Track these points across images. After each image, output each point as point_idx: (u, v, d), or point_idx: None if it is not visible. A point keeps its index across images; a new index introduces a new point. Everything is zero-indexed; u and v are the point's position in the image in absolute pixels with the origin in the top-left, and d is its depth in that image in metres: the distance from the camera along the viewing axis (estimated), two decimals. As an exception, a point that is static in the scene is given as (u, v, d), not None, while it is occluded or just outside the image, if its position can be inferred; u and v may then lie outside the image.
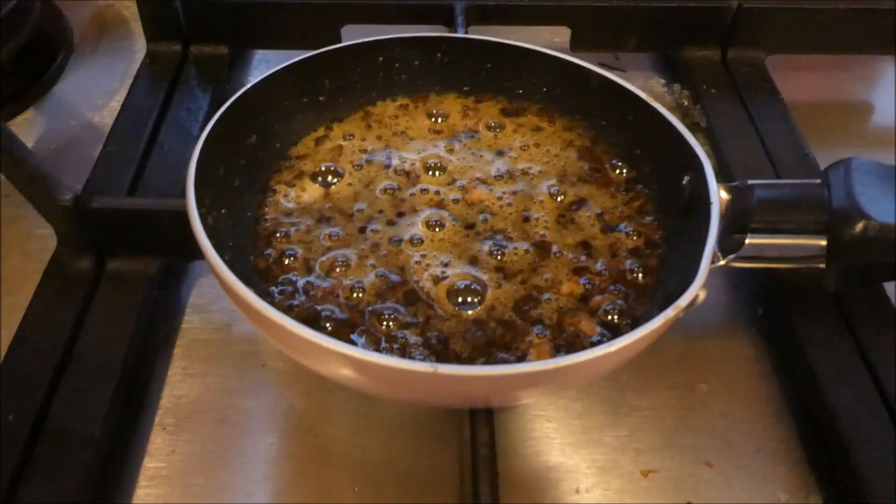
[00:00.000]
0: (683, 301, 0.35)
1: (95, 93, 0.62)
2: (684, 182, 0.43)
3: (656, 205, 0.45)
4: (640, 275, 0.42)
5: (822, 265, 0.41)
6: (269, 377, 0.44)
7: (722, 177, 0.42)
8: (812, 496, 0.40)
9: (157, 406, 0.43)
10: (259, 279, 0.41)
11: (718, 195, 0.40)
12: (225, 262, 0.35)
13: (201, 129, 0.53)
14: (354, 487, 0.39)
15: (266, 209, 0.45)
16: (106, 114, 0.61)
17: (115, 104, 0.60)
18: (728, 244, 0.41)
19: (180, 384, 0.44)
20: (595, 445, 0.41)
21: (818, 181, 0.41)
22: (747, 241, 0.40)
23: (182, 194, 0.40)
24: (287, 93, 0.49)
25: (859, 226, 0.38)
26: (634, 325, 0.39)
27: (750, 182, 0.41)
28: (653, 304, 0.40)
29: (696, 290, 0.35)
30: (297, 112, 0.49)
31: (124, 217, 0.44)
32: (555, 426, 0.42)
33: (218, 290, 0.47)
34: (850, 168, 0.41)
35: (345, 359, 0.31)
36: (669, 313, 0.34)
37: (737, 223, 0.41)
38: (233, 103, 0.44)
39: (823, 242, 0.40)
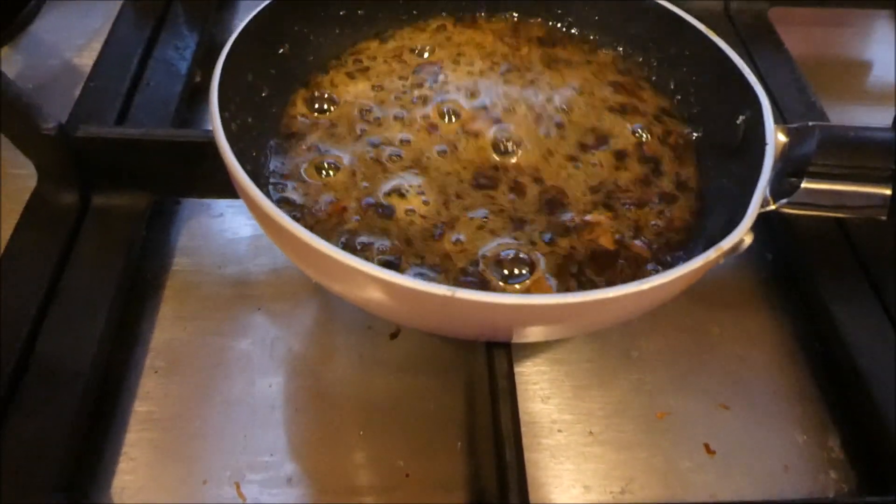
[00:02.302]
0: (726, 243, 0.32)
1: (75, 32, 0.59)
2: (739, 122, 0.40)
3: (705, 145, 0.43)
4: (673, 219, 0.39)
5: (883, 216, 0.38)
6: (266, 320, 0.42)
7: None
8: (830, 436, 0.39)
9: (148, 348, 0.40)
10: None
11: (776, 136, 0.37)
12: (246, 172, 0.33)
13: (194, 65, 0.51)
14: (359, 430, 0.38)
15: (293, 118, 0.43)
16: (86, 54, 0.57)
17: (97, 44, 0.56)
18: (781, 189, 0.38)
19: (172, 327, 0.41)
20: (607, 389, 0.40)
21: (887, 126, 0.39)
22: (803, 185, 0.37)
23: (173, 126, 0.38)
24: (323, 2, 0.46)
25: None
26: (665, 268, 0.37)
27: (811, 123, 0.38)
28: (690, 248, 0.38)
29: (741, 233, 0.33)
30: (334, 25, 0.46)
31: (112, 147, 0.42)
32: (566, 369, 0.41)
33: (209, 231, 0.46)
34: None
35: (364, 278, 0.29)
36: (710, 254, 0.32)
37: (793, 166, 0.38)
38: (266, 7, 0.41)
39: (888, 192, 0.37)
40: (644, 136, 0.43)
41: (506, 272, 0.35)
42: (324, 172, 0.40)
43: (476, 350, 0.36)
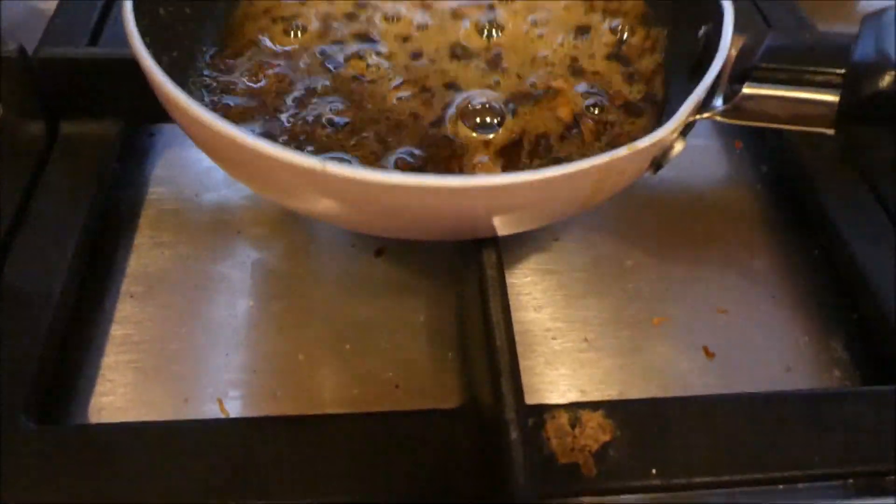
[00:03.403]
0: (641, 143, 0.29)
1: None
2: (700, 34, 0.38)
3: (672, 61, 0.41)
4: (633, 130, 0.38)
5: (829, 130, 0.35)
6: (245, 243, 0.40)
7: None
8: (832, 337, 0.38)
9: (124, 275, 0.39)
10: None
11: (730, 46, 0.34)
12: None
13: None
14: (346, 345, 0.36)
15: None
16: None
17: (63, -11, 0.55)
18: (728, 97, 0.35)
19: (148, 253, 0.40)
20: (602, 297, 0.39)
21: (842, 32, 0.35)
22: (744, 89, 0.34)
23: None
24: None
25: (886, 78, 0.31)
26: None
27: (767, 29, 0.37)
28: None
29: (662, 135, 0.30)
30: None
31: (78, 70, 0.40)
32: (558, 279, 0.39)
33: (186, 161, 0.44)
34: (886, 19, 0.34)
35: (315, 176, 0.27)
36: (621, 151, 0.28)
37: (739, 72, 0.35)
38: None
39: (834, 98, 0.33)
40: (624, 35, 0.42)
41: (478, 121, 0.34)
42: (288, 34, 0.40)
43: (466, 254, 0.35)
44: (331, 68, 0.39)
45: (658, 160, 0.32)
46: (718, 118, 0.35)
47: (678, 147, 0.32)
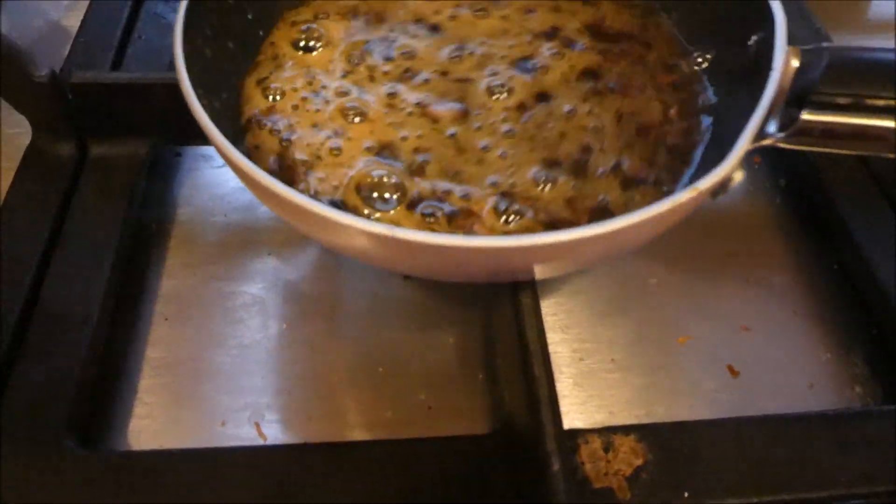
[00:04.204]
0: (705, 183, 0.28)
1: (60, -8, 0.57)
2: (750, 43, 0.36)
3: (711, 73, 0.40)
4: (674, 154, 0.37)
5: (890, 154, 0.33)
6: (276, 264, 0.41)
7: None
8: (853, 352, 0.38)
9: (157, 296, 0.39)
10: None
11: (786, 60, 0.32)
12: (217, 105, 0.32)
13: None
14: (378, 367, 0.37)
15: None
16: (73, 14, 0.56)
17: (83, 3, 0.55)
18: (786, 120, 0.33)
19: (180, 274, 0.40)
20: (627, 316, 0.39)
21: None
22: (803, 116, 0.32)
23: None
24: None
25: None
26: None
27: (825, 45, 0.34)
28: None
29: (724, 172, 0.29)
30: None
31: (107, 93, 0.40)
32: (584, 299, 0.40)
33: (212, 181, 0.45)
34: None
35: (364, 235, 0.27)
36: (684, 196, 0.28)
37: (796, 95, 0.33)
38: None
39: (892, 124, 0.32)
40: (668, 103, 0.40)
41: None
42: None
43: (491, 287, 0.35)
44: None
45: (717, 191, 0.31)
46: (780, 145, 0.33)
47: (738, 176, 0.31)
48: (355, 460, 0.32)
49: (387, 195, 0.34)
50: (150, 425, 0.35)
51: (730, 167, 0.29)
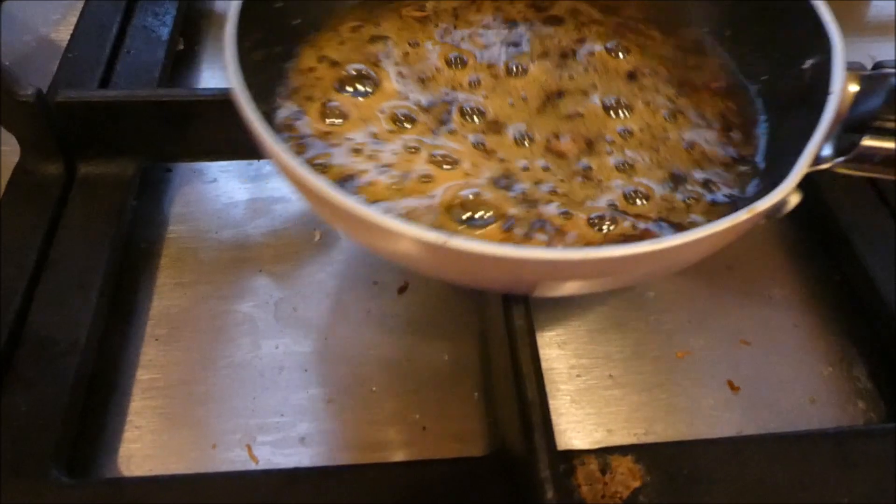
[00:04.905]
0: (761, 205, 0.28)
1: (49, 6, 0.57)
2: (805, 66, 0.35)
3: (761, 98, 0.38)
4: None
5: None
6: (268, 281, 0.40)
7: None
8: (856, 367, 0.38)
9: (147, 317, 0.39)
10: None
11: (844, 85, 0.32)
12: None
13: (175, 31, 0.50)
14: (372, 386, 0.36)
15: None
16: (62, 29, 0.55)
17: (73, 18, 0.55)
18: (843, 145, 0.32)
19: (170, 294, 0.40)
20: (624, 331, 0.39)
21: None
22: (864, 142, 0.31)
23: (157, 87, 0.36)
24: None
25: None
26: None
27: (885, 70, 0.33)
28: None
29: (782, 194, 0.28)
30: None
31: (94, 112, 0.40)
32: (580, 314, 0.39)
33: (203, 197, 0.44)
34: None
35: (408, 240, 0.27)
36: (741, 215, 0.27)
37: (857, 120, 0.32)
38: None
39: None
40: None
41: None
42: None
43: (488, 296, 0.35)
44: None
45: (772, 214, 0.31)
46: (839, 170, 0.32)
47: (794, 200, 0.30)
48: (349, 484, 0.31)
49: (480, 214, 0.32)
50: (141, 449, 0.34)
51: (787, 189, 0.28)
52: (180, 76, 0.51)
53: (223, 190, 0.44)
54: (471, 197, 0.32)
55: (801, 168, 0.29)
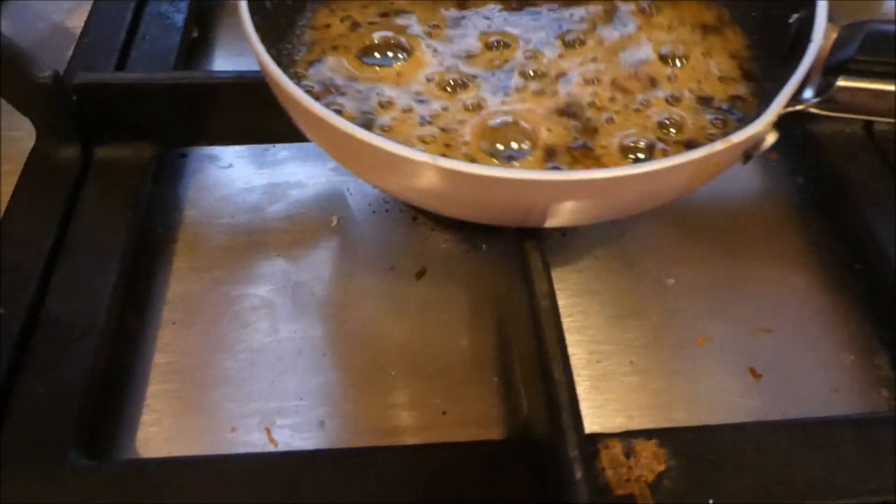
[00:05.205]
0: (738, 136, 0.29)
1: (63, -6, 0.57)
2: (791, 21, 0.37)
3: (762, 52, 0.40)
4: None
5: None
6: (285, 266, 0.40)
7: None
8: (878, 355, 0.37)
9: (164, 301, 0.38)
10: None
11: (826, 33, 0.34)
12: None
13: (189, 18, 0.49)
14: (391, 371, 0.36)
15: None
16: (76, 15, 0.55)
17: (87, 5, 0.55)
18: (822, 90, 0.35)
19: (187, 278, 0.39)
20: (644, 318, 0.38)
21: None
22: (839, 82, 0.34)
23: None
24: None
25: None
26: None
27: (866, 20, 0.35)
28: None
29: (758, 127, 0.30)
30: None
31: (111, 95, 0.40)
32: (600, 300, 0.39)
33: (218, 182, 0.44)
34: None
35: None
36: (717, 145, 0.29)
37: (834, 65, 0.34)
38: None
39: None
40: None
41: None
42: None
43: (510, 275, 0.35)
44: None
45: (749, 151, 0.32)
46: (812, 110, 0.34)
47: (770, 139, 0.32)
48: (368, 467, 0.31)
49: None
50: (159, 433, 0.34)
51: (763, 124, 0.30)
52: (195, 63, 0.51)
53: (239, 175, 0.44)
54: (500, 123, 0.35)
55: (777, 106, 0.31)
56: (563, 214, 0.31)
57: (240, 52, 0.53)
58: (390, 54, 0.38)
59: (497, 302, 0.38)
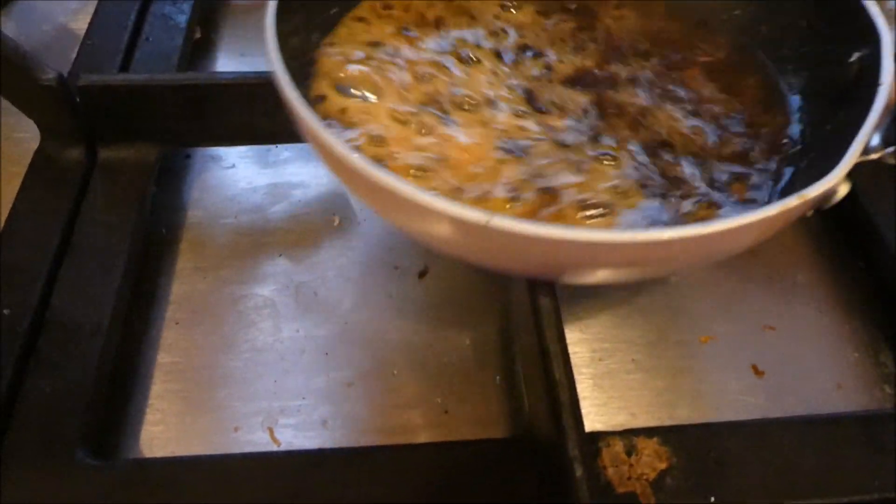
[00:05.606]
0: (812, 191, 0.27)
1: (68, -4, 0.57)
2: (852, 60, 0.34)
3: (810, 91, 0.38)
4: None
5: None
6: (288, 266, 0.40)
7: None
8: (882, 352, 0.37)
9: (168, 301, 0.39)
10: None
11: (893, 76, 0.31)
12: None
13: (193, 19, 0.50)
14: (393, 370, 0.36)
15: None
16: (81, 18, 0.55)
17: (91, 7, 0.55)
18: (892, 136, 0.32)
19: (191, 278, 0.40)
20: (647, 316, 0.38)
21: None
22: None
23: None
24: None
25: None
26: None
27: None
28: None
29: (832, 181, 0.28)
30: None
31: (116, 96, 0.40)
32: (603, 299, 0.39)
33: (222, 183, 0.44)
34: None
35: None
36: (792, 201, 0.27)
37: None
38: None
39: None
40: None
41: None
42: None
43: (514, 281, 0.35)
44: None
45: (821, 203, 0.30)
46: (890, 161, 0.32)
47: (843, 190, 0.30)
48: (371, 466, 0.31)
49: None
50: (163, 432, 0.34)
51: (838, 177, 0.28)
52: (198, 65, 0.51)
53: (242, 175, 0.44)
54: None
55: (851, 156, 0.29)
56: (608, 273, 0.30)
57: (243, 53, 0.53)
58: None
59: (498, 301, 0.38)
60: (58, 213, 0.39)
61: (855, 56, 0.35)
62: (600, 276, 0.31)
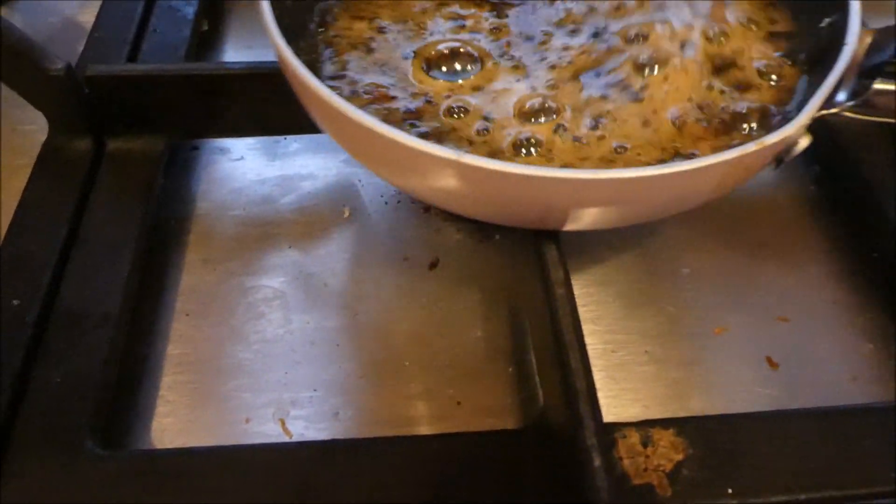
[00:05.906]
0: (771, 138, 0.29)
1: (74, -12, 0.57)
2: (823, 25, 0.36)
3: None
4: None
5: None
6: (297, 257, 0.40)
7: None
8: (896, 344, 0.37)
9: (177, 292, 0.38)
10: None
11: (860, 36, 0.33)
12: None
13: (200, 11, 0.49)
14: (404, 361, 0.36)
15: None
16: (88, 10, 0.55)
17: (98, -1, 0.55)
18: (856, 93, 0.34)
19: (199, 269, 0.39)
20: (660, 307, 0.38)
21: None
22: (875, 85, 0.33)
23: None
24: None
25: None
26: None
27: None
28: None
29: (790, 130, 0.29)
30: None
31: (123, 87, 0.40)
32: (615, 290, 0.39)
33: (230, 175, 0.44)
34: None
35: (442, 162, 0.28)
36: (750, 147, 0.28)
37: (870, 67, 0.34)
38: None
39: None
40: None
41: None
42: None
43: (524, 264, 0.34)
44: None
45: (781, 155, 0.32)
46: (847, 113, 0.34)
47: (803, 143, 0.31)
48: (383, 457, 0.31)
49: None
50: (173, 423, 0.34)
51: (795, 127, 0.29)
52: (205, 56, 0.51)
53: (250, 167, 0.44)
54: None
55: (811, 109, 0.30)
56: (584, 217, 0.31)
57: (250, 45, 0.53)
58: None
59: (511, 291, 0.38)
60: (66, 205, 0.38)
61: (825, 21, 0.36)
62: (585, 215, 0.32)
